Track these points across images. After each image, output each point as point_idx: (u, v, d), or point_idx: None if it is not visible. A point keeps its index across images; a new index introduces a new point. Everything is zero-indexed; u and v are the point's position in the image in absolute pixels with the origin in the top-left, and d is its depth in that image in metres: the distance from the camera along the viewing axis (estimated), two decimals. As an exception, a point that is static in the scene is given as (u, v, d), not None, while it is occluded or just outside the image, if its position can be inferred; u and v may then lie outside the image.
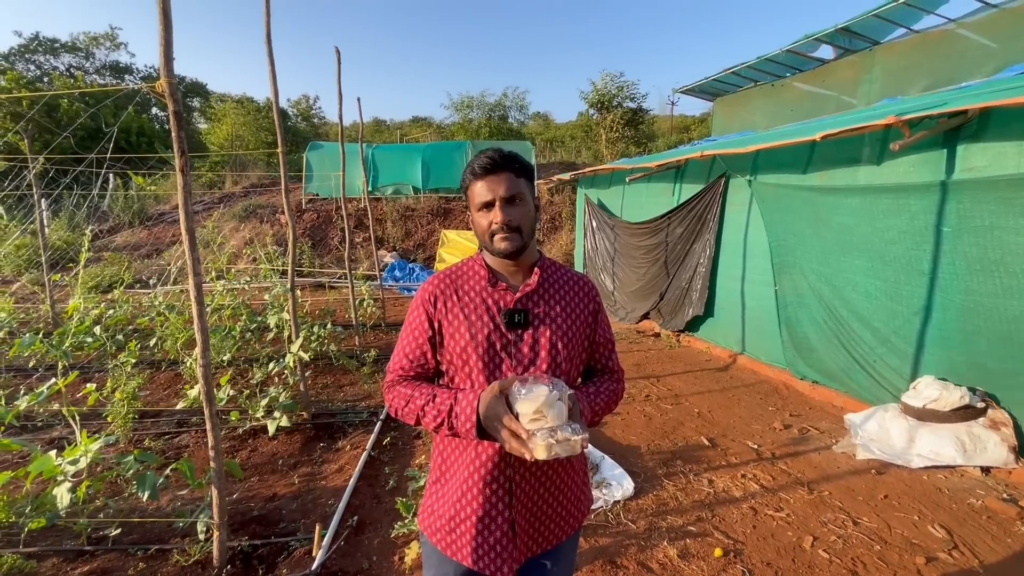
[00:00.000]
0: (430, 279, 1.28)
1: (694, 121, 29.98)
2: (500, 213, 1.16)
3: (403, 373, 1.25)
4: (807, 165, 4.63)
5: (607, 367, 1.36)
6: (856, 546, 2.52)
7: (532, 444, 0.98)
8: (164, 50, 1.91)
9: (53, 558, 2.37)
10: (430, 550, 1.27)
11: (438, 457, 1.29)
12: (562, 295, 1.26)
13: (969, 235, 3.34)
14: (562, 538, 1.28)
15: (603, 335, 1.34)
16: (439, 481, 1.27)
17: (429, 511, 1.28)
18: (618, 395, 1.33)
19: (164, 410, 4.19)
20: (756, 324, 5.38)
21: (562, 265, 1.34)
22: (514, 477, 1.18)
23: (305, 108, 27.15)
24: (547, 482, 1.22)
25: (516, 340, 1.19)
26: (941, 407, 3.32)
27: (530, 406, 1.01)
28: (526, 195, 1.20)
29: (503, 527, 1.18)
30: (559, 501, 1.25)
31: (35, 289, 7.63)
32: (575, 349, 1.24)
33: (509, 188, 1.16)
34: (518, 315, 1.19)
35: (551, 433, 0.99)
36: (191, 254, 2.10)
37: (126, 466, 2.32)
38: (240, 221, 13.71)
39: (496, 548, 1.18)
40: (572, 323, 1.24)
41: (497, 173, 1.17)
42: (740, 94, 10.79)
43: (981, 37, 6.43)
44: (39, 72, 23.52)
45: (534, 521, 1.22)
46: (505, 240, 1.17)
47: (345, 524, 2.66)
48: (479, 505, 1.18)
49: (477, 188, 1.18)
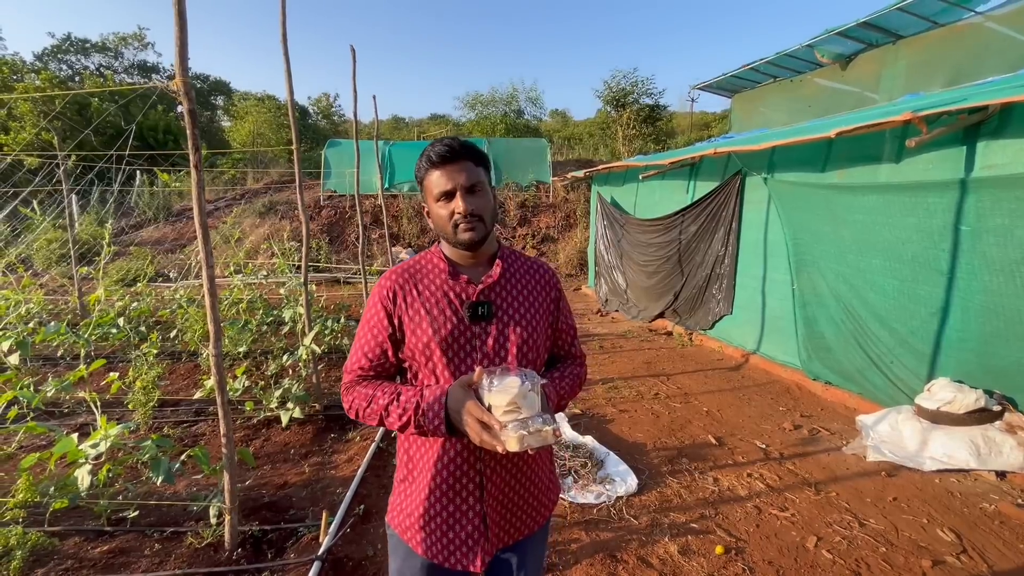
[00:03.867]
0: (387, 274, 1.23)
1: (715, 118, 29.54)
2: (462, 202, 1.12)
3: (362, 373, 1.20)
4: (825, 163, 4.56)
5: (570, 353, 1.35)
6: (861, 547, 2.49)
7: (504, 436, 0.97)
8: (179, 50, 1.98)
9: (75, 537, 2.49)
10: (396, 541, 1.26)
11: (403, 455, 1.25)
12: (524, 284, 1.24)
13: (989, 234, 3.26)
14: (534, 528, 1.27)
15: (565, 322, 1.33)
16: (406, 480, 1.24)
17: (398, 510, 1.25)
18: (582, 379, 1.33)
19: (183, 399, 4.33)
20: (773, 323, 5.32)
21: (521, 253, 1.32)
22: (484, 471, 1.16)
23: (325, 106, 27.52)
24: (517, 473, 1.21)
25: (480, 333, 1.16)
26: (956, 409, 3.25)
27: (503, 398, 0.99)
28: (486, 184, 1.17)
29: (474, 521, 1.17)
30: (530, 491, 1.24)
31: (64, 282, 7.92)
32: (539, 338, 1.22)
33: (469, 177, 1.13)
34: (482, 307, 1.17)
35: (523, 425, 0.98)
36: (204, 248, 2.18)
37: (144, 451, 2.42)
38: (260, 217, 13.99)
39: (468, 543, 1.17)
40: (535, 313, 1.23)
41: (456, 162, 1.13)
42: (758, 90, 10.61)
43: (1009, 30, 6.22)
44: (71, 72, 24.30)
45: (505, 513, 1.21)
46: (469, 230, 1.13)
47: (352, 512, 2.73)
48: (449, 501, 1.16)
49: (435, 177, 1.14)
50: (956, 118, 3.35)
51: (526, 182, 14.91)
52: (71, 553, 2.38)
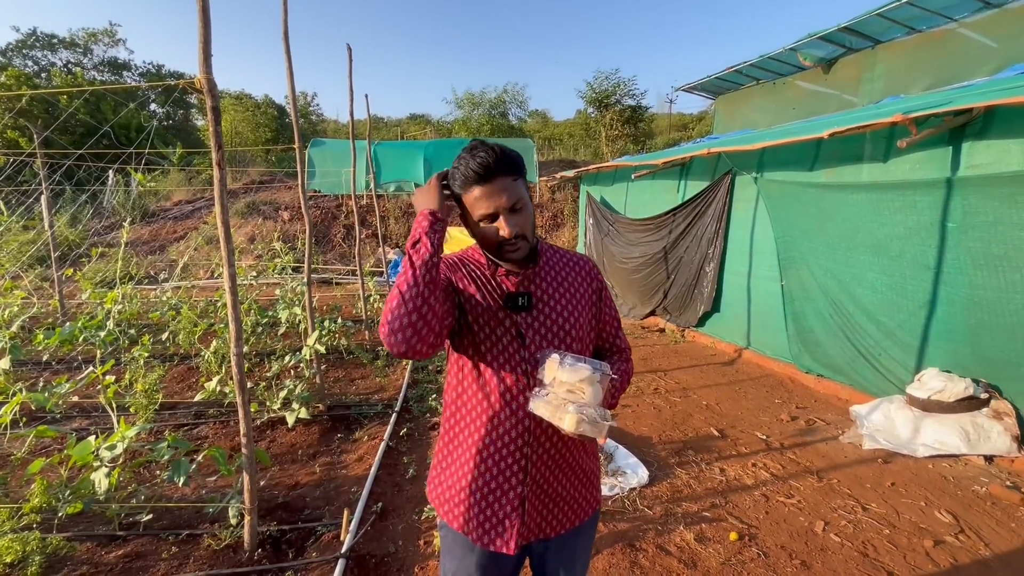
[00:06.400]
0: None
1: (692, 119, 30.04)
2: (507, 227, 1.10)
3: None
4: (814, 162, 4.71)
5: (615, 345, 1.35)
6: (866, 530, 2.60)
7: (561, 411, 0.99)
8: (203, 47, 1.96)
9: (87, 543, 2.43)
10: (451, 541, 1.25)
11: (446, 447, 1.26)
12: (564, 276, 1.25)
13: (974, 231, 3.42)
14: (575, 522, 1.26)
15: (608, 312, 1.32)
16: (446, 461, 1.25)
17: (437, 482, 1.26)
18: (630, 374, 1.33)
19: (180, 402, 4.24)
20: (762, 319, 5.47)
21: (561, 248, 1.32)
22: (531, 455, 1.17)
23: (303, 105, 27.12)
24: (563, 463, 1.21)
25: (521, 323, 1.17)
26: (945, 398, 3.41)
27: (573, 376, 1.01)
28: (525, 197, 1.14)
29: (513, 502, 1.17)
30: (572, 483, 1.24)
31: (43, 284, 7.65)
32: (582, 329, 1.22)
33: (511, 196, 1.10)
34: (521, 298, 1.17)
35: (582, 409, 1.00)
36: (226, 247, 2.15)
37: (159, 452, 2.38)
38: (242, 218, 13.71)
39: (504, 523, 1.17)
40: (577, 303, 1.23)
41: (495, 179, 1.09)
42: (742, 92, 10.87)
43: (982, 37, 6.52)
44: (37, 68, 23.38)
45: (545, 500, 1.20)
46: (515, 251, 1.14)
47: (370, 511, 2.73)
48: (492, 478, 1.17)
49: (475, 196, 1.10)
50: (943, 120, 3.52)
51: (512, 182, 14.91)
52: (85, 559, 2.33)
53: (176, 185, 15.83)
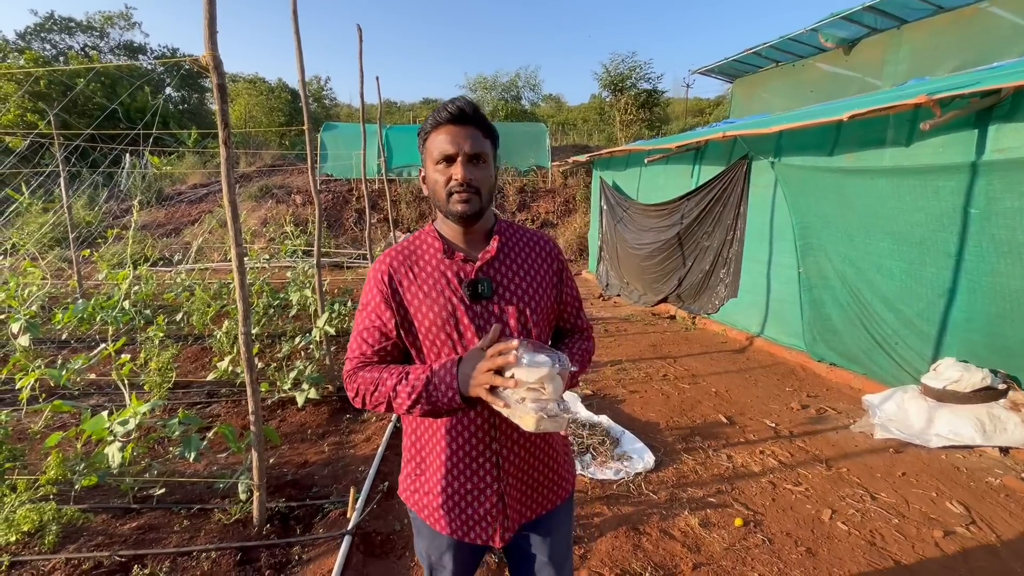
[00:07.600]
0: (381, 256, 1.18)
1: (709, 104, 29.49)
2: (461, 170, 1.06)
3: (365, 359, 1.14)
4: (833, 147, 4.58)
5: (576, 326, 1.31)
6: (874, 519, 2.57)
7: (521, 412, 0.94)
8: (208, 23, 1.95)
9: (102, 514, 2.50)
10: (420, 523, 1.24)
11: (411, 444, 1.23)
12: (524, 258, 1.19)
13: (998, 217, 3.31)
14: (556, 502, 1.25)
15: (569, 293, 1.28)
16: (417, 462, 1.22)
17: (411, 489, 1.23)
18: (591, 353, 1.30)
19: (194, 381, 4.33)
20: (778, 306, 5.39)
21: (519, 226, 1.26)
22: (500, 450, 1.15)
23: (316, 89, 27.10)
24: (534, 449, 1.19)
25: (482, 312, 1.11)
26: (961, 388, 3.33)
27: (532, 375, 0.94)
28: (490, 158, 1.11)
29: (492, 499, 1.16)
30: (547, 466, 1.23)
31: (62, 265, 7.81)
32: (544, 313, 1.18)
33: (475, 144, 1.07)
34: (481, 285, 1.11)
35: (543, 406, 0.94)
36: (233, 226, 2.16)
37: (170, 428, 2.43)
38: (256, 201, 13.83)
39: (487, 519, 1.17)
40: (538, 286, 1.18)
41: (465, 125, 1.07)
42: (760, 75, 10.58)
43: (1013, 15, 6.24)
44: (55, 51, 23.63)
45: (524, 489, 1.20)
46: (464, 201, 1.07)
47: (376, 489, 2.77)
48: (466, 480, 1.15)
49: (439, 138, 1.07)
50: (968, 101, 3.39)
51: (525, 167, 14.83)
52: (100, 529, 2.40)
53: (191, 168, 15.97)
